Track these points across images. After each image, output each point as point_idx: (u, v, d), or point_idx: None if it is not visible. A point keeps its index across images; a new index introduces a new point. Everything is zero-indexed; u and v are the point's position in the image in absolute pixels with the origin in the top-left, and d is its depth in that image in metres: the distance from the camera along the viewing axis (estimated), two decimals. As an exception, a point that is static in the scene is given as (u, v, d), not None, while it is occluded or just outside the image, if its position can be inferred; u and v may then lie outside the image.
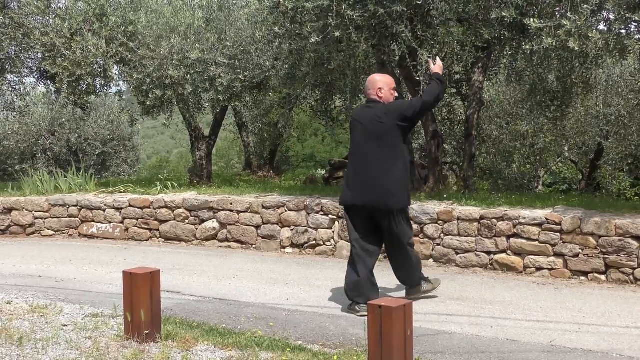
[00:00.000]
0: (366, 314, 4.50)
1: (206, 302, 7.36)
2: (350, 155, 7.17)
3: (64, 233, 12.26)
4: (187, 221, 11.39)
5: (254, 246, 10.76)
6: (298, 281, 8.38)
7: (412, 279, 7.18)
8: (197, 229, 11.29)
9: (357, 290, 6.84)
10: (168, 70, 12.52)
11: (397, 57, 10.89)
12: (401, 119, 6.83)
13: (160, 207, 11.61)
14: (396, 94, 7.14)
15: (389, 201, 6.75)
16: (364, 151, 6.88)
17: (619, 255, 8.02)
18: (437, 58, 7.40)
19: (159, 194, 12.21)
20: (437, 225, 9.29)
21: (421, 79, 10.32)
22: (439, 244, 9.23)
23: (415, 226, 9.37)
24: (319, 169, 26.90)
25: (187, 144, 18.61)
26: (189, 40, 12.61)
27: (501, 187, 18.51)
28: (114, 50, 13.36)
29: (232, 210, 10.98)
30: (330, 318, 6.61)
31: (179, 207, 11.45)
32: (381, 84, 7.02)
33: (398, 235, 6.90)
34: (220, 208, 11.08)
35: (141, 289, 5.34)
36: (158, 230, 11.60)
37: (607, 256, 8.11)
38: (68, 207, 12.33)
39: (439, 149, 11.72)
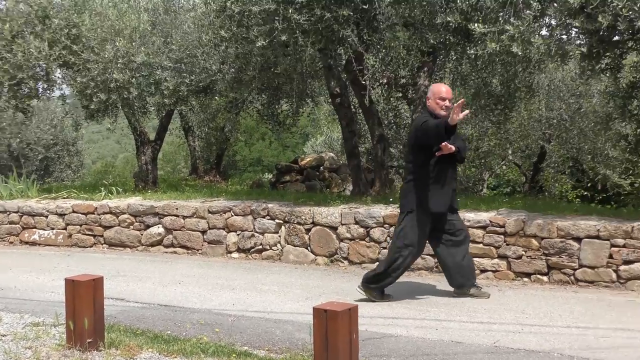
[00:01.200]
0: None
1: (151, 308, 7.27)
2: None
3: (4, 240, 12.03)
4: (132, 227, 11.26)
5: (200, 251, 10.68)
6: (244, 286, 8.34)
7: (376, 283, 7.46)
8: (142, 234, 11.16)
9: None
10: (113, 73, 12.36)
11: (344, 61, 10.93)
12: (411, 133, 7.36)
13: (104, 213, 11.46)
14: (446, 104, 7.16)
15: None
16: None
17: (560, 257, 8.15)
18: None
19: (103, 199, 12.05)
20: (383, 228, 9.32)
21: (367, 82, 10.36)
22: (385, 248, 9.25)
23: (361, 230, 9.42)
24: (266, 173, 26.85)
25: (133, 149, 18.40)
26: (134, 43, 12.47)
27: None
28: (57, 53, 13.12)
29: (177, 216, 10.89)
30: (277, 323, 6.58)
31: (124, 213, 11.31)
32: (430, 93, 7.36)
33: None
34: (166, 213, 10.98)
35: (84, 296, 5.25)
36: (102, 236, 11.44)
37: (549, 257, 8.23)
38: (9, 214, 12.10)
39: (385, 153, 11.79)
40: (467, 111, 6.96)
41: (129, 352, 5.25)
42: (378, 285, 7.39)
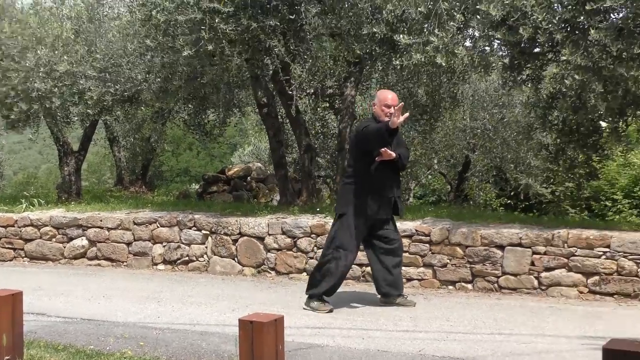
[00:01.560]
0: None
1: (74, 323, 7.11)
2: None
3: None
4: (54, 239, 11.02)
5: (125, 264, 10.51)
6: (170, 298, 8.23)
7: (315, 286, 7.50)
8: (65, 247, 10.93)
9: None
10: (34, 82, 12.08)
11: (271, 71, 10.93)
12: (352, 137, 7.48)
13: (25, 225, 11.18)
14: (391, 111, 7.10)
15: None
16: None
17: (484, 265, 8.29)
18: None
19: (24, 211, 11.77)
20: (310, 238, 9.33)
21: (294, 92, 10.37)
22: (312, 258, 9.26)
23: (288, 240, 9.41)
24: (193, 184, 26.62)
25: (56, 159, 18.03)
26: (56, 52, 12.23)
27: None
28: (-25, 62, 12.79)
29: (102, 227, 10.70)
30: (203, 335, 6.51)
31: (46, 225, 11.06)
32: (376, 99, 7.47)
33: None
34: (90, 225, 10.78)
35: (2, 312, 5.09)
36: (23, 249, 11.17)
37: (473, 265, 8.36)
38: None
39: (312, 163, 11.82)
40: (407, 114, 7.02)
41: (50, 368, 5.13)
42: (314, 291, 7.38)
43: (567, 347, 5.91)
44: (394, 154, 7.12)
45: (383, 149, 7.05)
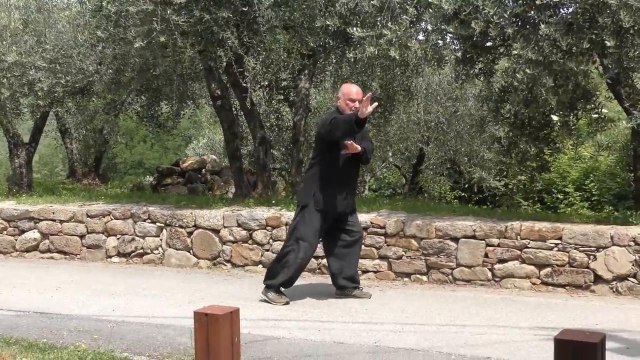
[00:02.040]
0: None
1: (26, 316, 7.02)
2: None
3: None
4: (5, 232, 10.84)
5: (78, 256, 10.40)
6: (125, 291, 8.16)
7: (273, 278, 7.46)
8: (16, 239, 10.76)
9: None
10: (-18, 73, 11.87)
11: (224, 64, 10.87)
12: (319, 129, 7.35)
13: (-25, 218, 10.99)
14: (355, 105, 7.10)
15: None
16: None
17: (439, 257, 8.37)
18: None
19: (-26, 204, 11.56)
20: (265, 230, 9.33)
21: (248, 85, 10.34)
22: (268, 250, 9.26)
23: (244, 232, 9.39)
24: (148, 176, 26.43)
25: (6, 152, 17.77)
26: (4, 42, 12.00)
27: (329, 192, 18.82)
28: None
29: (54, 220, 10.56)
30: (158, 328, 6.48)
31: (-4, 218, 10.89)
32: (340, 93, 7.43)
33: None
34: (42, 218, 10.63)
35: (-48, 305, 5.03)
36: (-27, 242, 10.97)
37: (428, 257, 8.44)
38: None
39: (267, 155, 11.81)
40: (375, 104, 7.02)
41: (2, 363, 5.06)
42: (271, 281, 7.37)
43: (520, 338, 6.01)
44: (359, 148, 7.14)
45: (349, 142, 7.05)
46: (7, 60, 11.74)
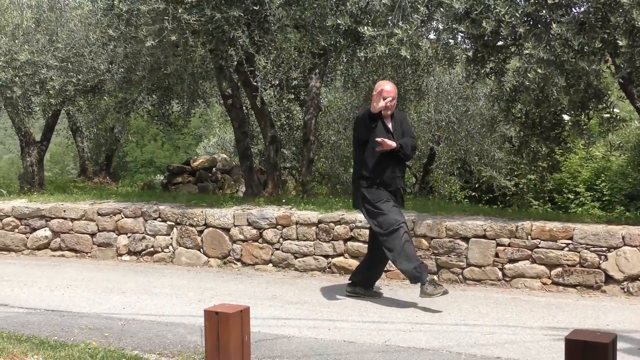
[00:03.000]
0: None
1: (37, 314, 7.05)
2: None
3: None
4: (17, 230, 10.89)
5: (89, 254, 10.43)
6: (135, 289, 8.19)
7: (407, 272, 7.07)
8: (28, 237, 10.81)
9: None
10: (-6, 72, 11.93)
11: (235, 63, 10.88)
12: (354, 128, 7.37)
13: (-13, 216, 11.04)
14: (387, 98, 7.01)
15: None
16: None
17: (449, 256, 8.35)
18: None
19: (-15, 202, 11.62)
20: (276, 229, 9.33)
21: (259, 84, 10.35)
22: (278, 249, 9.27)
23: (254, 231, 9.40)
24: (158, 175, 26.48)
25: (18, 150, 17.83)
26: (17, 41, 12.07)
27: (339, 192, 18.85)
28: None
29: (65, 218, 10.60)
30: (168, 326, 6.50)
31: (8, 216, 10.92)
32: (375, 90, 7.16)
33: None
34: (53, 216, 10.67)
35: (-36, 303, 5.05)
36: (-15, 240, 11.03)
37: (438, 257, 8.42)
38: None
39: (278, 154, 11.81)
40: (389, 99, 7.00)
41: (13, 360, 5.08)
42: (417, 275, 7.00)
43: (530, 338, 5.99)
44: (394, 144, 7.04)
45: (381, 139, 6.99)
46: (19, 59, 11.80)
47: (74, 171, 27.70)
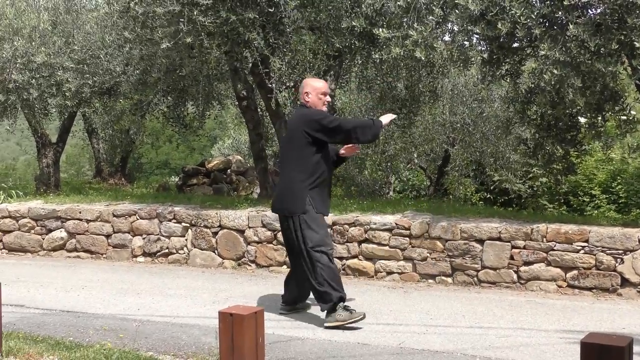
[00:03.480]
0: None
1: (52, 314, 7.08)
2: None
3: None
4: (33, 231, 10.95)
5: (104, 256, 10.47)
6: (150, 290, 8.21)
7: (320, 295, 6.53)
8: (44, 239, 10.87)
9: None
10: (11, 74, 12.01)
11: (250, 64, 10.89)
12: (310, 126, 6.53)
13: (3, 217, 11.09)
14: (327, 99, 6.81)
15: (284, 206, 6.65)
16: (281, 155, 6.98)
17: (464, 258, 8.33)
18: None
19: (2, 203, 11.69)
20: (290, 231, 9.32)
21: (273, 85, 10.36)
22: (292, 250, 9.27)
23: (268, 233, 9.41)
24: (173, 176, 26.57)
25: (34, 151, 17.94)
26: (34, 43, 12.14)
27: (354, 193, 18.86)
28: (-48, 52, 12.67)
29: (81, 219, 10.65)
30: (183, 327, 6.51)
31: (24, 217, 10.99)
32: (308, 88, 6.76)
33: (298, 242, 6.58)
34: (69, 217, 10.72)
35: (-20, 303, 5.07)
36: (1, 241, 11.08)
37: (453, 259, 8.40)
38: None
39: (292, 156, 11.77)
40: (394, 116, 6.97)
41: (29, 360, 5.11)
42: (329, 304, 6.51)
43: (546, 341, 5.97)
44: (359, 149, 6.98)
45: (352, 145, 6.84)
46: (36, 61, 11.88)
47: (90, 172, 27.85)
